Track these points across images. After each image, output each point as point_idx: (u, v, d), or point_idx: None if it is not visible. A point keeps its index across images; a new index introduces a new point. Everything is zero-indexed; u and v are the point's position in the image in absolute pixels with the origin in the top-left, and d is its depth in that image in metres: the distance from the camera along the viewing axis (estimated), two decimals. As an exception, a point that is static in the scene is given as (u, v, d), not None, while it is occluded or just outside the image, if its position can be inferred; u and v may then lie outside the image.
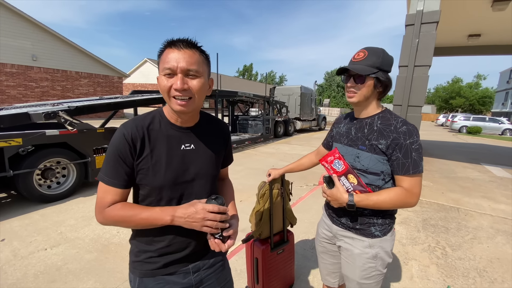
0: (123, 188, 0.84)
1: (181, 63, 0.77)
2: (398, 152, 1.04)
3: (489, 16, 6.05)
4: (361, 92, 1.09)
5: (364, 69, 1.05)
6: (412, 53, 4.93)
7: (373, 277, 1.18)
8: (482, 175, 6.17)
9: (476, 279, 2.30)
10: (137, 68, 27.71)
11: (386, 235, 1.17)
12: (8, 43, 12.49)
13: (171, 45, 0.80)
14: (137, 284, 0.93)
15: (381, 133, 1.08)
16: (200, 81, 0.82)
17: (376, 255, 1.16)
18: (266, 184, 1.75)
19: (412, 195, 1.04)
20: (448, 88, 42.46)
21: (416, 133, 1.04)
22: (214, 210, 0.77)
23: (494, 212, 3.87)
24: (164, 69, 0.79)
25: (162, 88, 0.81)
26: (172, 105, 0.82)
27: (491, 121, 20.19)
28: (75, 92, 15.46)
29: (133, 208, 0.83)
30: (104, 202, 0.83)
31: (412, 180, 1.04)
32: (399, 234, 3.08)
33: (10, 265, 2.29)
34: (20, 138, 3.28)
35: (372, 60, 1.05)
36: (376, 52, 1.07)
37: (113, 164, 0.82)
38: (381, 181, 1.12)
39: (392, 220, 1.19)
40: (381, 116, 1.12)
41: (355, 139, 1.16)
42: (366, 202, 1.06)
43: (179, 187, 0.89)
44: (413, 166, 1.02)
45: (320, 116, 17.18)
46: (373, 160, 1.09)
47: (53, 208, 3.52)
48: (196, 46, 0.82)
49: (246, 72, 59.41)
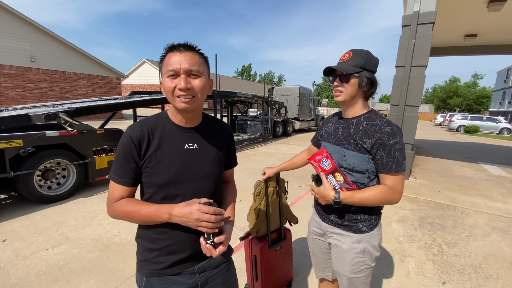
0: (129, 186, 0.90)
1: (183, 64, 0.83)
2: (382, 152, 1.08)
3: (485, 17, 6.12)
4: (346, 91, 1.14)
5: (348, 68, 1.12)
6: (408, 54, 4.99)
7: (362, 271, 1.23)
8: (479, 173, 6.23)
9: (471, 275, 2.34)
10: (136, 69, 27.66)
11: (373, 230, 1.21)
12: (7, 45, 12.48)
13: (172, 49, 0.85)
14: (144, 284, 0.95)
15: (366, 132, 1.12)
16: (201, 81, 0.87)
17: (364, 250, 1.21)
18: (262, 182, 1.79)
19: (395, 192, 1.09)
20: (445, 87, 42.66)
21: (399, 134, 1.09)
22: (209, 212, 0.80)
23: (490, 210, 3.93)
24: (168, 72, 0.84)
25: (167, 89, 0.86)
26: (177, 104, 0.87)
27: (488, 120, 20.31)
28: (73, 93, 15.45)
29: (136, 205, 0.88)
30: (112, 197, 0.90)
31: (395, 178, 1.09)
32: (396, 231, 3.12)
33: (12, 265, 2.32)
34: (20, 139, 3.30)
35: (357, 61, 1.12)
36: (360, 53, 1.13)
37: (120, 164, 0.89)
38: (367, 179, 1.16)
39: (378, 216, 1.24)
40: (367, 116, 1.17)
41: (342, 139, 1.20)
42: (351, 199, 1.11)
43: (183, 185, 0.92)
44: (396, 165, 1.07)
45: (319, 116, 17.24)
46: (359, 159, 1.14)
47: (54, 208, 3.54)
48: (196, 49, 0.88)
49: (244, 72, 59.49)
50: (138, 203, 0.88)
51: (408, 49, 4.99)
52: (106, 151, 4.29)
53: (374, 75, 1.15)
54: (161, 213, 0.84)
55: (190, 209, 0.80)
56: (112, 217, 0.91)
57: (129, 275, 2.21)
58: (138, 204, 0.88)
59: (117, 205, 0.88)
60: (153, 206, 0.86)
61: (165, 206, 0.85)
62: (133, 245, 2.68)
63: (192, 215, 0.80)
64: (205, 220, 0.79)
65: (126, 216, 0.88)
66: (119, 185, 0.89)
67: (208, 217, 0.79)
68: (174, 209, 0.83)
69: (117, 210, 0.88)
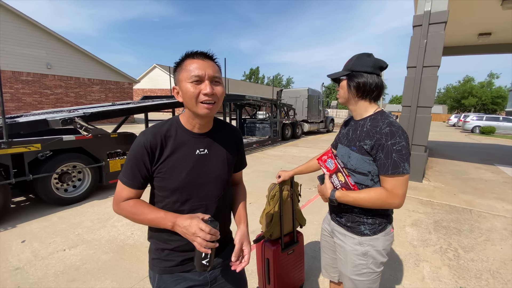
0: (137, 189, 0.94)
1: (208, 71, 0.86)
2: (381, 153, 1.07)
3: (499, 15, 5.96)
4: (342, 94, 1.23)
5: (336, 73, 1.22)
6: (420, 54, 4.90)
7: (364, 275, 1.22)
8: (496, 176, 6.03)
9: (489, 281, 2.27)
10: (147, 74, 28.24)
11: (377, 234, 1.19)
12: (24, 52, 12.96)
13: (193, 56, 0.89)
14: (157, 280, 0.99)
15: (368, 134, 1.12)
16: (222, 87, 0.92)
17: (366, 253, 1.19)
18: (276, 185, 1.80)
19: (393, 196, 1.05)
20: (459, 87, 41.55)
21: (399, 135, 1.05)
22: (205, 230, 0.81)
23: (508, 214, 3.79)
24: (191, 77, 0.85)
25: (190, 94, 0.86)
26: (199, 109, 0.88)
27: (505, 120, 19.60)
28: (87, 98, 15.89)
29: (143, 208, 0.91)
30: (120, 197, 0.94)
31: (394, 181, 1.05)
32: (410, 235, 3.06)
33: (31, 265, 2.40)
34: (39, 143, 3.43)
35: (346, 65, 1.20)
36: (352, 57, 1.20)
37: (131, 168, 0.92)
38: (370, 181, 1.15)
39: (385, 220, 1.20)
40: (372, 118, 1.16)
41: (350, 140, 1.22)
42: (346, 198, 1.14)
43: (194, 190, 0.95)
44: (393, 167, 1.03)
45: (328, 118, 17.08)
46: (360, 160, 1.14)
47: (70, 210, 3.65)
48: (214, 58, 0.92)
49: (252, 75, 59.70)
50: (145, 207, 0.92)
51: (420, 49, 4.90)
52: (119, 154, 4.40)
53: (373, 76, 1.14)
54: (167, 221, 0.86)
55: (190, 223, 0.82)
56: (117, 213, 0.95)
57: (143, 276, 2.26)
58: (145, 207, 0.91)
59: (124, 205, 0.92)
60: (160, 212, 0.89)
61: (171, 215, 0.87)
62: (146, 246, 2.72)
63: (191, 229, 0.82)
64: (200, 237, 0.80)
65: (131, 217, 0.92)
66: (127, 187, 0.92)
67: (203, 235, 0.80)
68: (178, 219, 0.85)
69: (124, 209, 0.92)
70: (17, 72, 12.95)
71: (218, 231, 0.84)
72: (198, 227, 0.81)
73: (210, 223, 0.84)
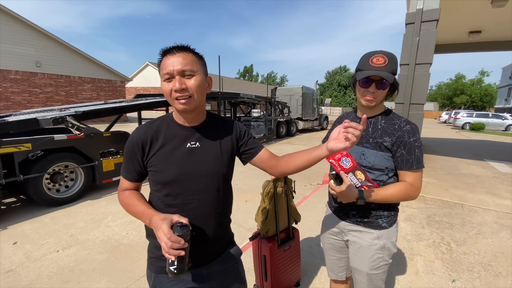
0: (133, 181, 0.99)
1: (176, 66, 0.85)
2: (403, 149, 1.12)
3: (489, 13, 6.06)
4: (379, 96, 1.14)
5: (390, 76, 1.09)
6: (413, 52, 4.96)
7: (381, 267, 1.25)
8: (486, 171, 6.17)
9: (481, 273, 2.33)
10: (139, 72, 27.86)
11: (392, 226, 1.25)
12: (12, 50, 12.65)
13: (166, 53, 0.88)
14: (153, 280, 0.99)
15: (385, 131, 1.15)
16: (196, 79, 0.88)
17: (384, 246, 1.23)
18: (270, 182, 1.80)
19: (415, 188, 1.13)
20: (450, 85, 42.18)
21: (418, 132, 1.14)
22: (165, 235, 0.75)
23: (498, 208, 3.89)
24: (163, 75, 0.87)
25: (165, 92, 0.89)
26: (176, 105, 0.90)
27: (494, 117, 20.07)
28: (78, 97, 15.62)
29: (133, 200, 0.94)
30: (121, 187, 1.02)
31: (415, 175, 1.13)
32: (404, 230, 3.11)
33: (24, 267, 2.36)
34: (29, 143, 3.36)
35: (392, 67, 1.10)
36: (394, 59, 1.11)
37: (126, 163, 0.98)
38: (385, 176, 1.19)
39: (396, 212, 1.27)
40: (384, 115, 1.20)
41: (360, 138, 1.19)
42: (375, 197, 1.13)
43: (185, 183, 0.94)
44: (417, 162, 1.12)
45: (322, 115, 17.21)
46: (379, 157, 1.16)
47: (63, 211, 3.59)
48: (189, 48, 0.89)
49: (246, 73, 59.49)
50: (135, 199, 0.95)
51: (412, 47, 4.96)
52: (112, 153, 4.34)
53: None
54: (145, 217, 0.88)
55: (159, 225, 0.78)
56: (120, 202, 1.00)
57: (139, 275, 2.24)
58: (135, 199, 0.94)
59: (121, 194, 0.99)
60: (142, 206, 0.91)
61: (150, 212, 0.87)
62: (141, 246, 2.70)
63: (157, 231, 0.79)
64: (162, 241, 0.76)
65: (125, 207, 0.97)
66: (124, 179, 1.00)
67: (165, 241, 0.75)
68: (153, 218, 0.83)
69: (120, 199, 0.99)
70: (5, 71, 12.65)
71: (182, 239, 0.76)
72: (162, 232, 0.76)
73: (179, 228, 0.77)
